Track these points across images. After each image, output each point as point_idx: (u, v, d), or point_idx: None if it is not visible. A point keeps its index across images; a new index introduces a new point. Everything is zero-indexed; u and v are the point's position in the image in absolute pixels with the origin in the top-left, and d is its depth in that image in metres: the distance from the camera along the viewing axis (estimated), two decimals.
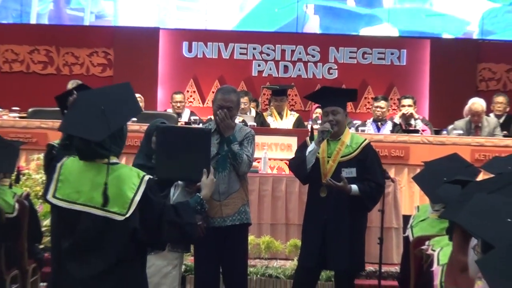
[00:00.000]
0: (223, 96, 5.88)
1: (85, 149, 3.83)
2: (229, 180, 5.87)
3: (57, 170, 3.89)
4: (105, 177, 3.81)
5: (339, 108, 6.09)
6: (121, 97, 3.98)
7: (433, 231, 5.19)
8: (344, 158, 6.05)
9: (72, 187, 3.85)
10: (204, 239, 5.82)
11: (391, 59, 13.32)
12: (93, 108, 3.82)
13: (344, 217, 6.02)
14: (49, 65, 13.56)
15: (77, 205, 3.82)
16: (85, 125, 3.79)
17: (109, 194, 3.79)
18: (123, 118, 3.97)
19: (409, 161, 9.78)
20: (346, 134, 6.14)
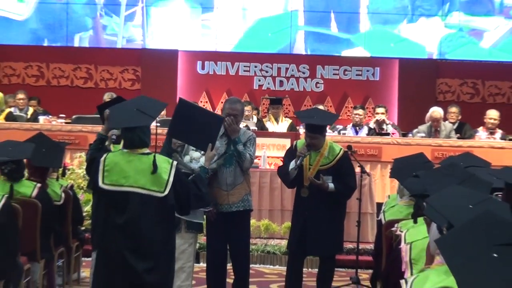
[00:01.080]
0: (230, 106, 5.90)
1: (133, 137, 4.18)
2: (235, 174, 5.86)
3: (101, 163, 4.17)
4: (145, 163, 4.15)
5: (319, 135, 6.07)
6: (146, 102, 4.39)
7: (401, 215, 5.20)
8: (322, 167, 6.05)
9: (118, 174, 4.16)
10: (214, 222, 5.86)
11: (367, 75, 13.31)
12: (129, 110, 4.25)
13: (323, 212, 6.01)
14: (89, 80, 13.56)
15: (125, 187, 4.15)
16: (132, 119, 4.18)
17: (149, 177, 4.13)
18: (156, 110, 4.37)
19: (382, 158, 9.79)
20: (325, 147, 6.13)
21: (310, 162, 6.06)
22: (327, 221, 6.02)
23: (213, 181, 5.81)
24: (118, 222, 4.14)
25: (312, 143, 6.02)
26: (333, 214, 6.10)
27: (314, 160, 6.05)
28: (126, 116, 4.25)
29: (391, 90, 13.20)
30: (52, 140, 6.35)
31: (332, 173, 6.01)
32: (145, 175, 4.18)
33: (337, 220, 6.18)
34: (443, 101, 12.73)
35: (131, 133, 4.22)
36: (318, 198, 6.00)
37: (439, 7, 13.30)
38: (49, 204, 5.79)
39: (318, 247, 6.06)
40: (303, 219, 6.05)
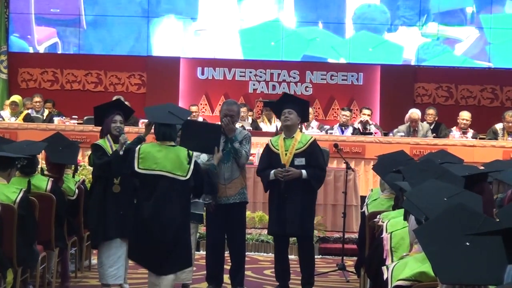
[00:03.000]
0: (227, 107, 5.92)
1: (166, 131, 4.98)
2: (232, 169, 5.88)
3: (137, 152, 4.93)
4: (172, 153, 4.93)
5: (293, 110, 6.05)
6: (175, 107, 5.34)
7: (383, 207, 5.22)
8: (297, 151, 6.03)
9: (151, 161, 4.90)
10: (213, 213, 5.87)
11: (351, 80, 13.30)
12: (163, 111, 5.11)
13: (300, 194, 5.98)
14: (99, 84, 13.52)
15: (156, 171, 4.89)
16: (168, 118, 5.00)
17: (175, 164, 4.90)
18: (185, 115, 5.25)
19: (365, 156, 9.78)
20: (298, 133, 6.15)
21: (286, 148, 6.04)
22: (303, 204, 6.00)
23: None
24: (149, 200, 4.85)
25: (289, 117, 5.99)
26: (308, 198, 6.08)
27: (289, 146, 6.03)
28: (163, 115, 5.03)
29: (374, 93, 13.21)
30: (68, 139, 6.36)
31: (305, 156, 5.99)
32: (172, 162, 4.91)
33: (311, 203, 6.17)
34: (421, 104, 12.73)
35: (165, 128, 4.99)
36: (294, 183, 5.96)
37: (418, 18, 13.31)
38: (62, 197, 5.79)
39: (297, 226, 5.99)
40: (282, 201, 5.99)
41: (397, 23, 13.30)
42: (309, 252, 6.21)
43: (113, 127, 5.75)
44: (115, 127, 5.75)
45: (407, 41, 13.31)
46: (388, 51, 13.29)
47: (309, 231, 6.16)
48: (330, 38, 13.39)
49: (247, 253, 6.95)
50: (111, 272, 5.62)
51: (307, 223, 6.08)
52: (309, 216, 6.11)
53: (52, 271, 5.83)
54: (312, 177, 5.97)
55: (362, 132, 10.33)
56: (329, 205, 8.70)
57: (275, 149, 6.07)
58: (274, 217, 6.09)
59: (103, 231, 5.65)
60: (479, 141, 10.10)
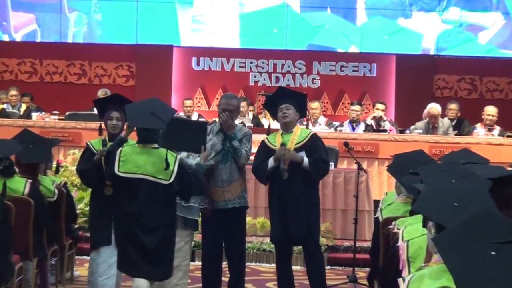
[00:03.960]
0: (226, 101, 5.92)
1: (147, 135, 5.14)
2: (231, 170, 5.88)
3: (118, 155, 5.10)
4: (155, 155, 5.08)
5: (291, 106, 6.07)
6: (159, 106, 5.27)
7: (398, 213, 5.20)
8: (296, 145, 6.04)
9: (132, 164, 5.08)
10: (209, 219, 5.86)
11: (363, 71, 13.31)
12: (144, 111, 5.13)
13: (303, 195, 5.99)
14: (83, 76, 13.52)
15: (137, 174, 5.07)
16: (148, 121, 5.09)
17: (158, 167, 5.05)
18: (168, 116, 5.21)
19: (379, 155, 9.78)
20: (297, 128, 6.18)
21: (284, 142, 6.05)
22: (307, 203, 6.01)
23: (209, 178, 5.81)
24: (130, 205, 5.04)
25: (287, 113, 6.01)
26: (311, 197, 6.10)
27: (288, 141, 6.04)
28: (143, 117, 5.12)
29: (388, 86, 13.21)
30: (38, 136, 6.34)
31: (305, 150, 6.00)
32: (154, 166, 5.07)
33: (315, 203, 6.18)
34: (441, 97, 12.73)
35: (145, 132, 5.15)
36: (297, 180, 5.97)
37: (437, 2, 13.30)
38: (41, 201, 5.78)
39: (304, 228, 5.98)
40: (285, 203, 5.99)
41: (414, 8, 13.29)
42: (318, 259, 6.20)
43: (109, 125, 5.76)
44: (110, 124, 5.76)
45: (425, 28, 13.31)
46: (405, 39, 13.29)
47: (316, 235, 6.17)
48: (339, 25, 13.38)
49: (248, 263, 6.93)
50: (101, 281, 5.63)
51: (313, 224, 6.09)
52: (315, 219, 6.13)
53: (30, 284, 5.82)
54: (312, 165, 5.97)
55: (376, 129, 10.33)
56: (338, 210, 8.68)
57: (272, 145, 6.07)
58: (277, 221, 6.08)
59: (92, 237, 5.65)
60: (507, 139, 10.09)
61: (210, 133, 5.93)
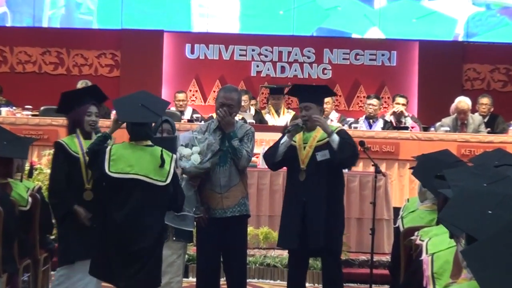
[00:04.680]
0: (225, 94, 5.93)
1: (139, 130, 5.24)
2: (230, 174, 5.88)
3: (107, 153, 5.16)
4: (149, 154, 5.18)
5: (311, 104, 6.07)
6: (149, 98, 5.42)
7: (422, 222, 5.20)
8: (319, 143, 6.04)
9: (124, 163, 5.15)
10: (205, 229, 5.86)
11: (382, 60, 13.30)
12: (134, 105, 5.26)
13: (321, 200, 5.98)
14: (60, 66, 13.53)
15: (130, 174, 5.13)
16: (140, 115, 5.21)
17: (152, 166, 5.14)
18: (161, 108, 5.41)
19: (399, 156, 9.78)
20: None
21: (304, 140, 6.06)
22: (328, 209, 6.00)
23: (206, 183, 5.82)
24: (120, 210, 5.11)
25: (306, 115, 6.02)
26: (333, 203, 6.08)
27: (309, 138, 6.05)
28: (134, 111, 5.24)
29: (410, 77, 13.20)
30: (13, 134, 6.32)
31: (330, 148, 5.98)
32: (149, 165, 5.17)
33: (338, 209, 6.16)
34: (471, 90, 12.73)
35: (138, 127, 5.25)
36: (317, 181, 5.98)
37: None
38: (11, 209, 5.76)
39: (321, 238, 5.95)
40: (301, 207, 5.99)
41: None
42: (336, 277, 6.21)
43: (87, 121, 5.74)
44: (89, 121, 5.74)
45: (453, 11, 13.29)
46: (430, 23, 13.29)
47: (336, 247, 6.17)
48: (354, 7, 13.38)
49: (249, 280, 6.95)
50: None
51: (334, 234, 6.08)
52: (336, 228, 6.11)
53: None
54: (341, 144, 5.94)
55: (396, 126, 10.32)
56: (353, 219, 8.69)
57: (292, 140, 6.08)
58: (290, 228, 6.07)
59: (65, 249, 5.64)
60: None
61: (206, 131, 5.93)
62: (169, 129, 5.93)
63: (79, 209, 5.57)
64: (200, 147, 5.75)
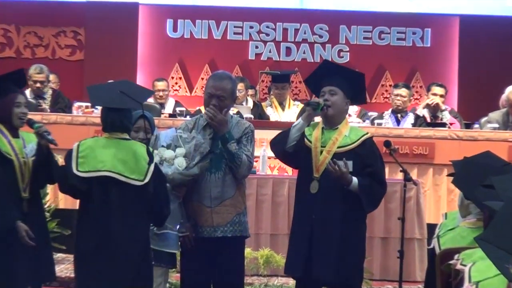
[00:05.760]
0: (214, 83, 5.89)
1: (115, 119, 5.41)
2: (224, 183, 5.86)
3: (75, 150, 5.36)
4: (124, 148, 5.38)
5: (338, 89, 6.04)
6: (130, 86, 5.74)
7: (464, 242, 5.20)
8: (340, 149, 5.97)
9: (95, 160, 5.33)
10: (192, 251, 5.86)
11: (412, 39, 13.33)
12: (112, 91, 5.56)
13: (334, 219, 5.94)
14: (7, 47, 13.55)
15: (102, 171, 5.31)
16: (117, 100, 5.42)
17: (128, 163, 5.34)
18: (143, 96, 5.77)
19: (435, 160, 9.78)
20: (345, 124, 6.08)
21: (323, 143, 6.01)
22: (343, 232, 5.97)
23: (193, 193, 5.82)
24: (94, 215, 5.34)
25: (330, 101, 5.99)
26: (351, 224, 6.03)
27: (328, 140, 6.00)
28: (110, 96, 5.49)
29: (449, 61, 13.23)
30: None
31: (354, 159, 5.94)
32: (124, 161, 5.36)
33: (357, 230, 6.15)
34: None
35: (114, 114, 5.42)
36: (332, 196, 5.94)
37: None
38: None
39: (331, 268, 5.92)
40: (308, 226, 5.99)
41: None
42: None
43: (17, 114, 5.74)
44: (19, 113, 5.74)
45: None
46: None
47: (352, 280, 6.15)
48: None
49: None
50: None
51: (350, 266, 6.05)
52: (354, 255, 6.08)
53: None
54: (364, 191, 5.98)
55: (430, 123, 10.33)
56: (376, 238, 8.70)
57: (307, 140, 6.04)
58: (295, 252, 6.08)
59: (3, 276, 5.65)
60: None
61: (193, 128, 5.93)
62: (146, 126, 5.93)
63: (22, 225, 5.57)
64: (185, 149, 5.74)
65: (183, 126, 6.01)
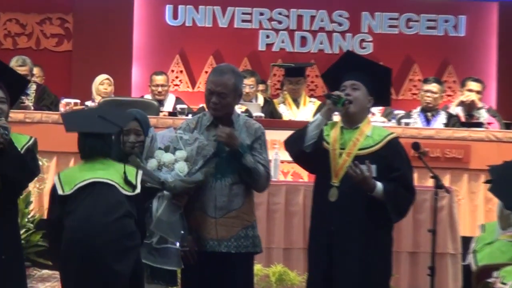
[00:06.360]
0: (214, 78, 5.88)
1: (96, 145, 5.61)
2: (230, 192, 5.86)
3: (57, 180, 5.63)
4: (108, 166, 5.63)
5: (361, 84, 6.02)
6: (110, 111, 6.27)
7: (504, 258, 5.21)
8: (362, 152, 5.94)
9: (78, 177, 5.59)
10: (194, 267, 5.86)
11: (445, 28, 13.33)
12: (89, 116, 5.89)
13: (356, 230, 5.91)
14: None
15: (87, 180, 5.56)
16: (94, 124, 5.63)
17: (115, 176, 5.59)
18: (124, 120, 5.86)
19: (470, 164, 9.79)
20: (366, 123, 6.06)
21: (342, 144, 6.00)
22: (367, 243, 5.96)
23: (195, 201, 5.82)
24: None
25: (352, 95, 5.97)
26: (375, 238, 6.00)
27: (348, 141, 5.99)
28: (87, 120, 5.74)
29: (486, 52, 13.24)
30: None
31: (378, 162, 5.92)
32: (110, 174, 5.60)
33: (382, 243, 6.14)
34: None
35: (92, 139, 5.64)
36: (353, 204, 5.92)
37: None
38: None
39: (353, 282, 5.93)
40: (326, 239, 5.98)
41: None
42: None
43: None
44: None
45: None
46: None
47: None
48: None
49: None
50: None
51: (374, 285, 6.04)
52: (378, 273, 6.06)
53: None
54: (390, 199, 5.97)
55: (465, 122, 10.33)
56: (404, 253, 8.70)
57: (325, 142, 6.02)
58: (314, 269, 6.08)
59: None
60: None
61: (195, 128, 5.93)
62: (136, 128, 5.93)
63: None
64: (187, 152, 5.75)
65: (184, 126, 6.00)
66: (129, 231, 5.54)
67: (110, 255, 5.44)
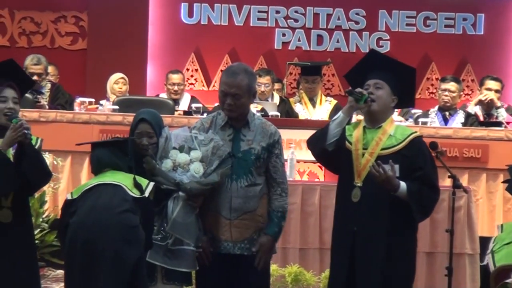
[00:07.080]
0: (227, 79, 5.83)
1: (103, 157, 5.73)
2: (246, 194, 5.85)
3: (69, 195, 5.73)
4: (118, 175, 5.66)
5: (385, 83, 6.01)
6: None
7: None
8: (385, 151, 5.94)
9: (85, 185, 5.72)
10: (209, 268, 5.86)
11: (463, 26, 13.30)
12: None
13: (379, 231, 5.91)
14: (0, 34, 13.59)
15: (94, 183, 5.64)
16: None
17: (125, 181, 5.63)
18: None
19: (488, 164, 9.77)
20: (389, 122, 6.05)
21: (364, 144, 5.98)
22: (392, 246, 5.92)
23: (210, 202, 5.82)
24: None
25: (375, 95, 5.95)
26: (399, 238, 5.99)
27: (371, 140, 5.98)
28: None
29: (505, 51, 13.20)
30: None
31: (402, 162, 5.92)
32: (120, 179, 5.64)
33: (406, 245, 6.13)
34: None
35: (99, 151, 5.78)
36: (376, 204, 5.92)
37: None
38: None
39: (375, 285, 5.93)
40: (349, 241, 5.98)
41: None
42: None
43: (2, 110, 5.74)
44: (4, 109, 5.74)
45: None
46: None
47: None
48: None
49: None
50: None
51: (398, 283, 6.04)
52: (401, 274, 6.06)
53: None
54: (414, 198, 5.95)
55: (484, 122, 10.30)
56: (421, 253, 8.65)
57: (347, 142, 6.01)
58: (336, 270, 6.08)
59: None
60: None
61: (210, 128, 5.91)
62: (148, 131, 5.91)
63: None
64: (201, 152, 5.74)
65: (198, 125, 5.98)
66: (132, 225, 5.48)
67: (112, 246, 5.41)
